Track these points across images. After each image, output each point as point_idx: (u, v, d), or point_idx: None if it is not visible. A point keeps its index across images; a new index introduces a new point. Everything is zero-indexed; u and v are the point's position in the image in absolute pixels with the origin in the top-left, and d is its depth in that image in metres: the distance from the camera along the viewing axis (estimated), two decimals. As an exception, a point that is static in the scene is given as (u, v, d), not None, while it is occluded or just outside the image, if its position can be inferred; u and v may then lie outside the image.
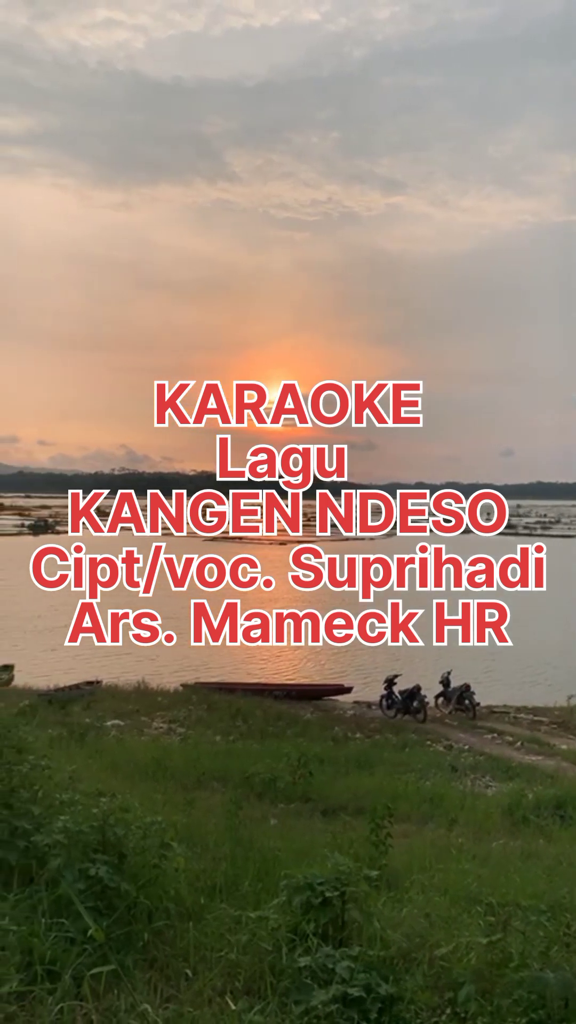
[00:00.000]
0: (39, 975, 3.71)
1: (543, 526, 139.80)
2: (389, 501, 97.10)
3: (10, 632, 34.16)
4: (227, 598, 42.39)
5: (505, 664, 30.90)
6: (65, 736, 13.97)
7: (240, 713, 20.78)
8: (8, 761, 5.50)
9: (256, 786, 12.26)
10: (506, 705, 24.92)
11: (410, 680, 23.62)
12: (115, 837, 4.75)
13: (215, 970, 4.08)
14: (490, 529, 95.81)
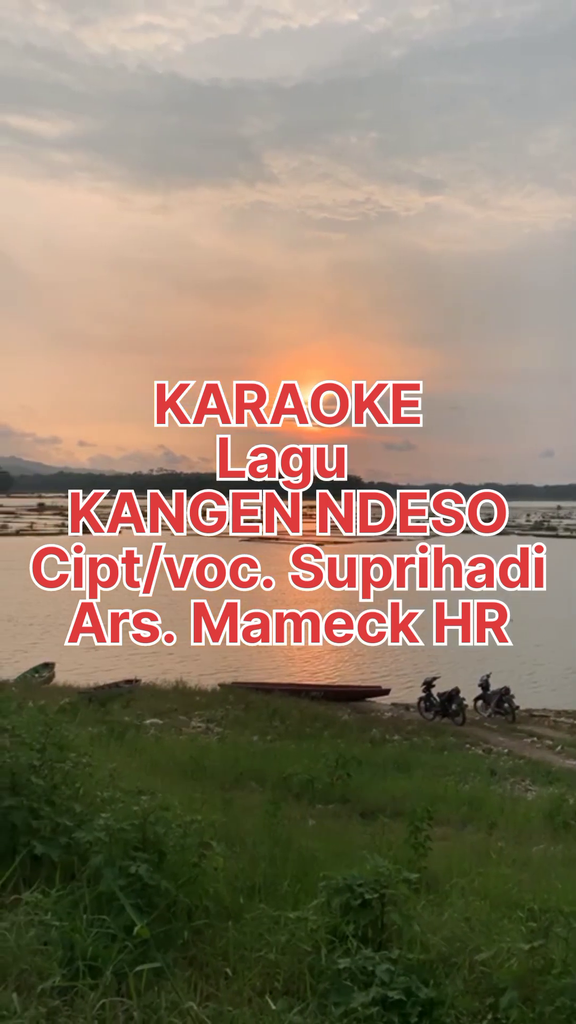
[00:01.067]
0: (81, 971, 3.74)
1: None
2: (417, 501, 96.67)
3: (53, 630, 34.58)
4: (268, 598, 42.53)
5: (546, 667, 30.58)
6: (105, 734, 14.08)
7: (277, 713, 20.80)
8: (51, 758, 5.56)
9: (294, 787, 12.25)
10: (546, 709, 24.66)
11: (449, 683, 23.46)
12: (155, 835, 4.78)
13: (254, 970, 4.09)
14: (490, 529, 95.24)
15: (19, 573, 55.91)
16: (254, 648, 32.03)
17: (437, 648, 31.00)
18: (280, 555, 77.79)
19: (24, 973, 3.68)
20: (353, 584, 52.03)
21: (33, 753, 5.49)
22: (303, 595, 49.22)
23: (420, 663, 29.65)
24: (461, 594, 39.85)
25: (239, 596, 44.70)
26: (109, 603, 38.09)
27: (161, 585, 46.94)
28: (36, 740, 5.77)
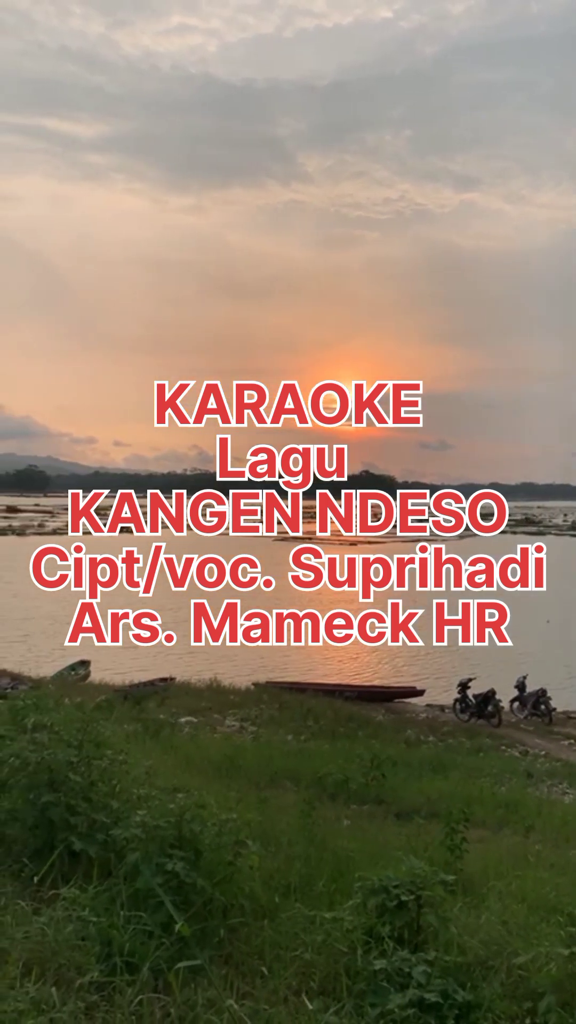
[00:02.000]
0: (119, 967, 3.77)
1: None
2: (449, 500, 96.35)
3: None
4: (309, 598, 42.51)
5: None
6: (140, 732, 14.19)
7: (311, 713, 20.78)
8: (88, 755, 5.61)
9: (328, 787, 12.23)
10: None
11: (485, 684, 23.27)
12: (191, 833, 4.80)
13: (290, 969, 4.08)
14: (490, 529, 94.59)
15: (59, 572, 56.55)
16: (287, 648, 32.04)
17: (473, 649, 30.76)
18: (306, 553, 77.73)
19: (62, 968, 3.72)
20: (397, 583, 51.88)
21: (71, 750, 5.54)
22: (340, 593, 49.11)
23: (455, 664, 29.44)
24: (491, 594, 39.47)
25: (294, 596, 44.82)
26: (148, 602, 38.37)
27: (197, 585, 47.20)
28: (73, 737, 5.82)
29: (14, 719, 7.68)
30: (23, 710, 7.98)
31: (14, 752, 5.57)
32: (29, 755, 5.38)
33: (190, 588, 47.57)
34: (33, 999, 3.37)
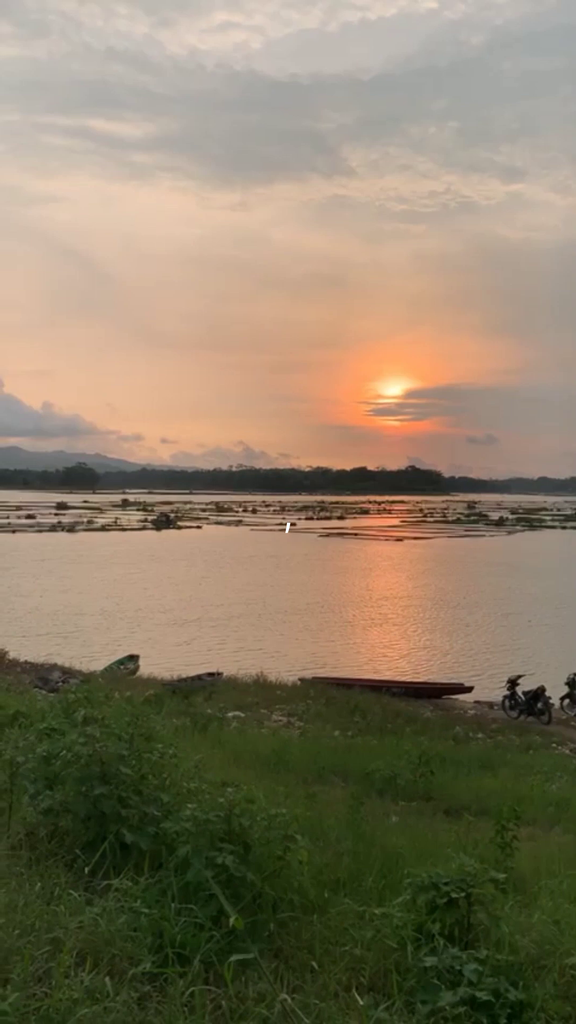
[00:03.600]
0: (170, 958, 3.81)
1: None
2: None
3: (143, 623, 35.32)
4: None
5: None
6: (189, 726, 14.31)
7: (358, 709, 20.76)
8: (138, 749, 5.67)
9: (376, 783, 12.20)
10: None
11: (534, 681, 22.99)
12: (240, 827, 4.82)
13: (340, 964, 4.08)
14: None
15: (109, 567, 57.37)
16: (334, 643, 32.04)
17: (522, 646, 30.43)
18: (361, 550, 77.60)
19: (115, 958, 3.77)
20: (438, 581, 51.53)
21: (121, 743, 5.60)
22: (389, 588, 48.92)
23: (504, 661, 29.14)
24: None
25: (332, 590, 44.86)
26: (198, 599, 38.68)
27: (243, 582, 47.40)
28: (124, 731, 5.88)
29: (66, 712, 7.80)
30: (74, 703, 8.09)
31: (66, 745, 5.66)
32: (80, 748, 5.46)
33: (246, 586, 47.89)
34: (87, 988, 3.42)
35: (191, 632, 33.68)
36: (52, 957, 3.69)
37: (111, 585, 47.66)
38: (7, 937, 3.83)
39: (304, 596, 43.96)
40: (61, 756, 5.60)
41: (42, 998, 3.37)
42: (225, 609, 39.15)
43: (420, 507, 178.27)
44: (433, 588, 49.55)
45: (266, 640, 32.22)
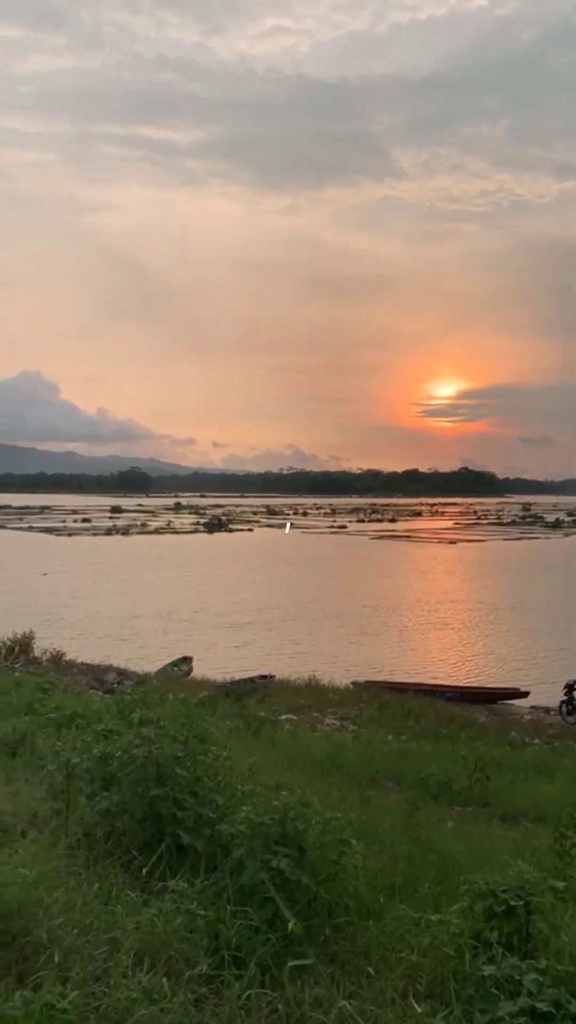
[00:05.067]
0: (226, 960, 3.82)
1: None
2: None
3: (200, 626, 35.59)
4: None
5: None
6: (242, 728, 14.36)
7: (412, 713, 20.59)
8: (193, 750, 5.70)
9: (431, 788, 12.07)
10: None
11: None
12: (295, 831, 4.81)
13: (396, 971, 4.04)
14: None
15: (163, 570, 57.99)
16: (390, 647, 31.87)
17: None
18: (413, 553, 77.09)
19: (172, 959, 3.80)
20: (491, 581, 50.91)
21: (177, 745, 5.64)
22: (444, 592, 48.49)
23: (561, 666, 28.62)
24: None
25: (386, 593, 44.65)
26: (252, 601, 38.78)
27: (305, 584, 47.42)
28: (179, 732, 5.93)
29: (122, 714, 7.90)
30: (130, 705, 8.19)
31: (122, 746, 5.72)
32: (136, 750, 5.51)
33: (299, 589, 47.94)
34: (145, 988, 3.45)
35: (245, 635, 33.81)
36: (110, 957, 3.74)
37: (166, 588, 48.13)
38: (66, 936, 3.89)
39: (358, 599, 43.81)
40: (117, 757, 5.67)
41: (101, 997, 3.41)
42: (279, 612, 39.21)
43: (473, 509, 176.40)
44: (489, 591, 48.96)
45: (321, 643, 32.18)
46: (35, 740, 9.49)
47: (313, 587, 48.59)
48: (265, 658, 28.82)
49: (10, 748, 9.20)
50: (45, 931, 3.88)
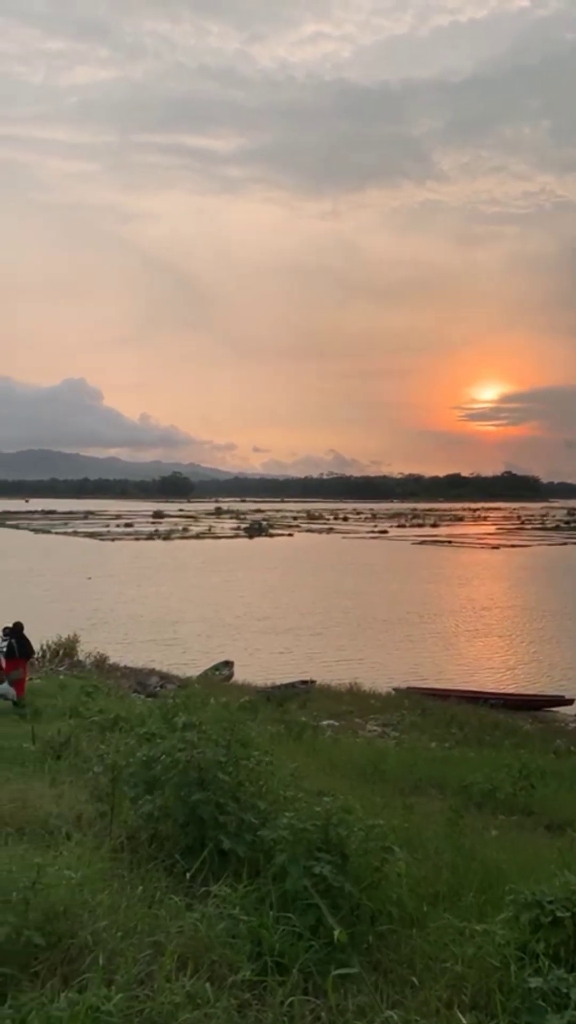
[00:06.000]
0: (269, 966, 3.81)
1: None
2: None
3: (241, 630, 35.69)
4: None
5: None
6: (283, 733, 14.34)
7: (455, 720, 20.39)
8: (235, 755, 5.71)
9: (474, 795, 11.93)
10: None
11: None
12: (338, 837, 4.79)
13: (441, 981, 4.00)
14: None
15: (205, 575, 58.28)
16: (431, 654, 31.62)
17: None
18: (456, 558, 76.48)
19: (215, 964, 3.80)
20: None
21: (219, 749, 5.66)
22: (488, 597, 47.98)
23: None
24: None
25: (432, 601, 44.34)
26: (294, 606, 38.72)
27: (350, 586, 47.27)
28: (221, 737, 5.94)
29: (165, 717, 7.93)
30: (173, 708, 8.22)
31: (165, 750, 5.75)
32: (179, 754, 5.54)
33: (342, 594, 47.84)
34: (188, 993, 3.46)
35: (288, 640, 33.79)
36: (154, 960, 3.75)
37: (208, 592, 48.35)
38: (111, 939, 3.91)
39: (402, 605, 43.54)
40: (160, 761, 5.70)
41: (145, 1001, 3.42)
42: (321, 617, 39.14)
43: (517, 514, 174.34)
44: (533, 597, 48.34)
45: (364, 650, 32.03)
46: (79, 743, 9.60)
47: (355, 592, 48.40)
48: (307, 664, 28.76)
49: (55, 751, 9.32)
50: (90, 933, 3.91)
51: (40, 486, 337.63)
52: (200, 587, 51.24)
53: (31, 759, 9.14)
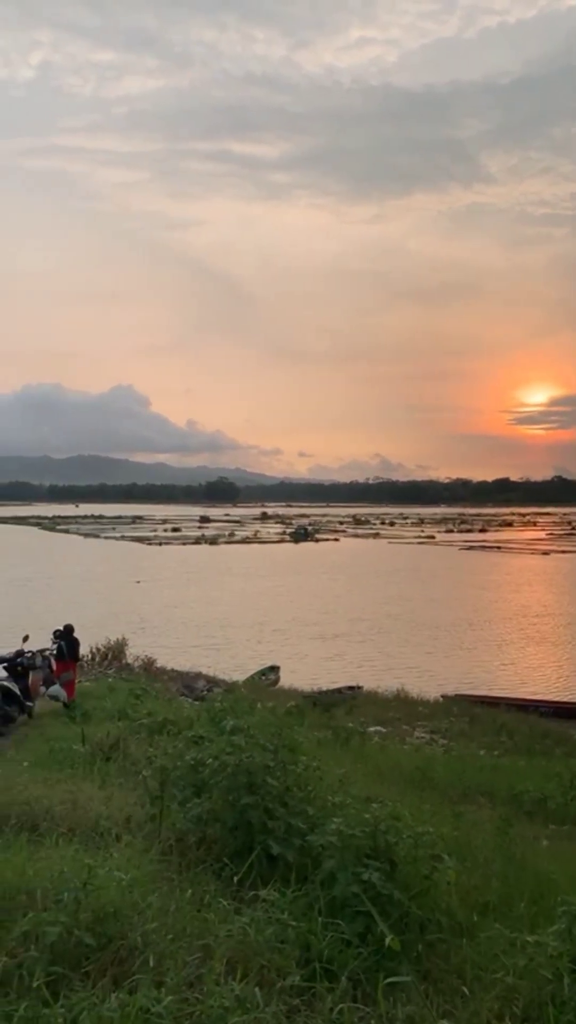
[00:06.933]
0: (318, 973, 3.80)
1: None
2: None
3: (290, 635, 35.72)
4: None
5: None
6: (330, 739, 14.30)
7: (504, 728, 20.10)
8: (283, 760, 5.71)
9: (525, 804, 11.76)
10: None
11: None
12: (386, 844, 4.77)
13: (492, 992, 3.94)
14: None
15: (252, 580, 58.48)
16: (482, 661, 31.27)
17: None
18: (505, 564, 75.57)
19: (264, 969, 3.80)
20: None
21: (267, 754, 5.67)
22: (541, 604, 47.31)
23: None
24: None
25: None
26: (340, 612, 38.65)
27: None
28: (269, 741, 5.95)
29: (212, 721, 7.98)
30: (220, 712, 8.26)
31: (213, 753, 5.78)
32: (227, 757, 5.56)
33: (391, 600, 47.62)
34: (238, 997, 3.46)
35: (337, 646, 33.69)
36: (203, 963, 3.76)
37: (256, 597, 48.47)
38: (160, 941, 3.94)
39: (451, 611, 43.11)
40: (208, 764, 5.72)
41: (194, 1003, 3.43)
42: (370, 623, 38.95)
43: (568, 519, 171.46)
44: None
45: (413, 656, 31.76)
46: (128, 745, 9.69)
47: (404, 598, 48.07)
48: (356, 670, 28.63)
49: (104, 753, 9.42)
50: (140, 935, 3.94)
51: (90, 491, 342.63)
52: (248, 592, 51.38)
53: (81, 761, 9.24)
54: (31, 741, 12.08)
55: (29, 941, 3.82)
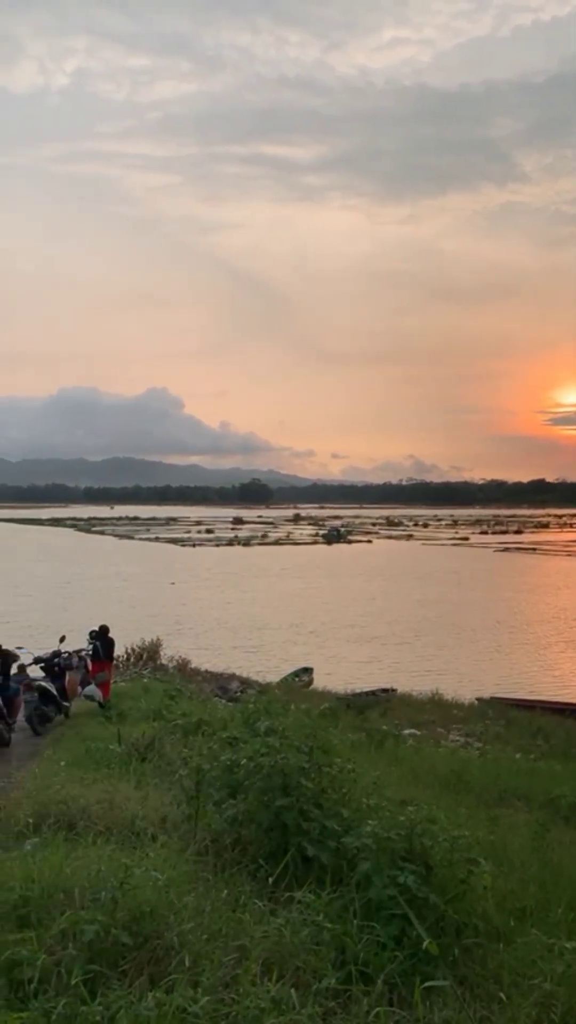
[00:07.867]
0: (353, 975, 3.79)
1: None
2: None
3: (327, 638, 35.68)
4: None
5: None
6: (364, 741, 14.25)
7: (541, 731, 19.87)
8: (317, 762, 5.71)
9: (561, 809, 11.60)
10: None
11: None
12: (422, 847, 4.74)
13: (530, 998, 3.90)
14: None
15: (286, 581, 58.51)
16: (521, 664, 30.95)
17: None
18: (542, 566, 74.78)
19: (299, 970, 3.80)
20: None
21: (301, 756, 5.66)
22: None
23: None
24: None
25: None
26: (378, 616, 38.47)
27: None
28: (303, 743, 5.95)
29: (246, 722, 7.99)
30: (255, 714, 8.27)
31: (248, 754, 5.79)
32: (262, 759, 5.56)
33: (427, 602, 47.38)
34: (273, 998, 3.46)
35: (373, 648, 33.57)
36: (239, 964, 3.77)
37: (291, 599, 48.47)
38: (196, 941, 3.95)
39: (487, 614, 42.74)
40: (243, 765, 5.73)
41: (231, 1004, 3.44)
42: (407, 626, 38.75)
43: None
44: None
45: (451, 660, 31.53)
46: (163, 745, 9.74)
47: (439, 601, 47.75)
48: (392, 673, 28.50)
49: (140, 753, 9.48)
50: (176, 935, 3.96)
51: (124, 493, 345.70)
52: (282, 593, 51.40)
53: (117, 761, 9.31)
54: (68, 741, 12.20)
55: (67, 939, 3.86)
